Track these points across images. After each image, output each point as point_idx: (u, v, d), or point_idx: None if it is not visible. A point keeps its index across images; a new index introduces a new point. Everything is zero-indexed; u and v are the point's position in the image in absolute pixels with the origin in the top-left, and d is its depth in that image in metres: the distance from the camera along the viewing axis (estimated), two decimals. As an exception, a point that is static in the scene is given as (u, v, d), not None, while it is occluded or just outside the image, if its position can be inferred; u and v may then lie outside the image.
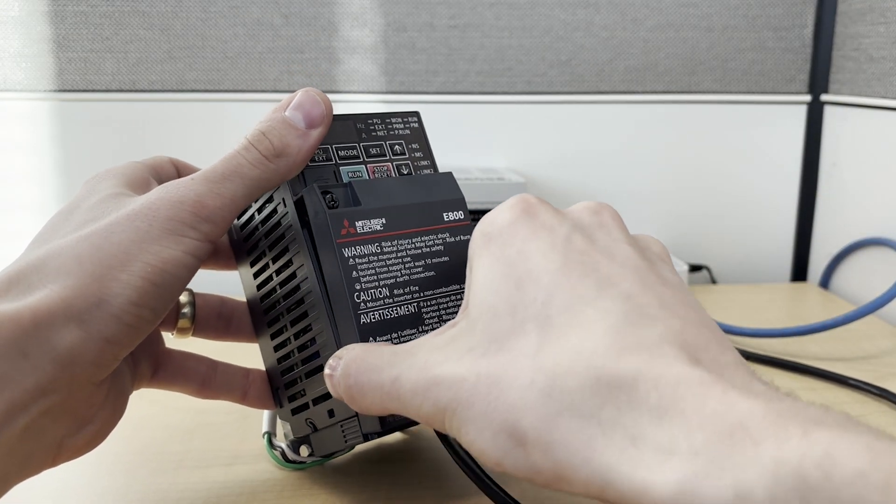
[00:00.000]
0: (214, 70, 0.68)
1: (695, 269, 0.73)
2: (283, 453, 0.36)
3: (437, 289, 0.31)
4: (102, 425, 0.28)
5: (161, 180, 0.32)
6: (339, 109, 0.30)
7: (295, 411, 0.34)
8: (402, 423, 0.29)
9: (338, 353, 0.27)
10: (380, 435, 0.30)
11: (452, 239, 0.31)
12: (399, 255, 0.30)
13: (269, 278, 0.33)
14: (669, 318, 0.21)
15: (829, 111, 0.71)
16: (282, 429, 0.37)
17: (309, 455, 0.35)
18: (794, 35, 0.71)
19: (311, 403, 0.33)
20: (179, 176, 0.34)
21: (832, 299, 0.67)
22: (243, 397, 0.35)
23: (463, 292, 0.31)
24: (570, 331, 0.21)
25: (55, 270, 0.25)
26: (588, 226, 0.25)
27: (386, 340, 0.29)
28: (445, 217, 0.32)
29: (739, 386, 0.19)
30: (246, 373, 0.35)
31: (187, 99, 0.68)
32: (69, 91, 0.67)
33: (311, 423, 0.33)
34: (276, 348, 0.34)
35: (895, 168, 0.62)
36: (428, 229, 0.31)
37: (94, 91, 0.67)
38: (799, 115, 0.72)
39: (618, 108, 0.71)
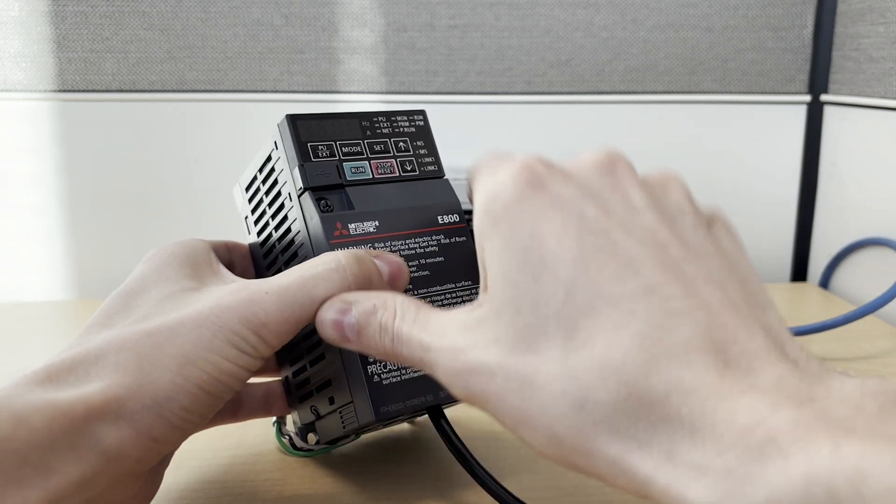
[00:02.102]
0: (214, 70, 0.68)
1: (695, 269, 0.73)
2: (291, 441, 0.37)
3: (432, 287, 0.31)
4: None
5: (219, 258, 0.33)
6: (339, 109, 0.31)
7: (302, 399, 0.35)
8: (397, 414, 0.30)
9: (353, 296, 0.27)
10: (373, 424, 0.30)
11: (448, 241, 0.32)
12: None
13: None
14: (695, 309, 0.21)
15: (828, 111, 0.71)
16: (290, 417, 0.37)
17: (316, 443, 0.36)
18: (794, 35, 0.71)
19: (314, 391, 0.33)
20: (229, 254, 0.35)
21: (832, 299, 0.67)
22: (269, 410, 0.37)
23: (459, 291, 0.32)
24: (596, 337, 0.21)
25: (114, 365, 0.26)
26: (600, 191, 0.23)
27: None
28: (440, 220, 0.32)
29: (769, 388, 0.19)
30: (265, 389, 0.37)
31: (187, 99, 0.68)
32: (69, 91, 0.67)
33: (314, 409, 0.34)
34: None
35: (895, 168, 0.62)
36: (422, 231, 0.32)
37: (94, 91, 0.67)
38: (799, 115, 0.72)
39: (618, 108, 0.71)
